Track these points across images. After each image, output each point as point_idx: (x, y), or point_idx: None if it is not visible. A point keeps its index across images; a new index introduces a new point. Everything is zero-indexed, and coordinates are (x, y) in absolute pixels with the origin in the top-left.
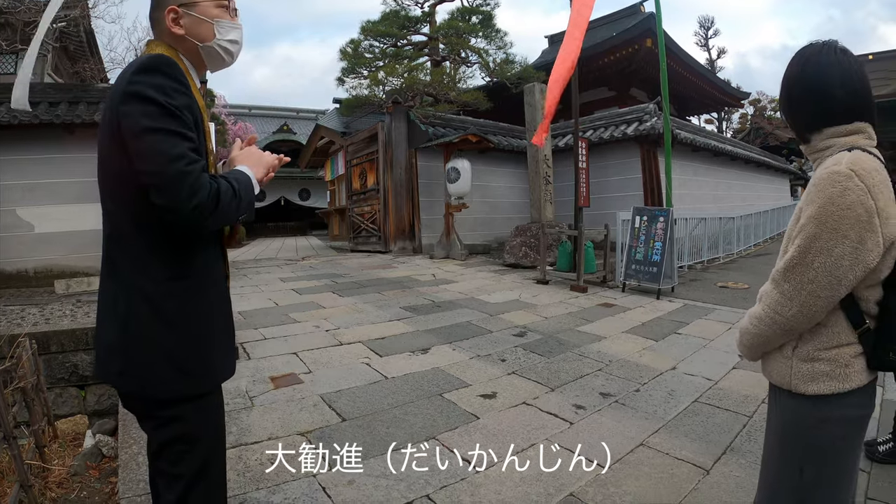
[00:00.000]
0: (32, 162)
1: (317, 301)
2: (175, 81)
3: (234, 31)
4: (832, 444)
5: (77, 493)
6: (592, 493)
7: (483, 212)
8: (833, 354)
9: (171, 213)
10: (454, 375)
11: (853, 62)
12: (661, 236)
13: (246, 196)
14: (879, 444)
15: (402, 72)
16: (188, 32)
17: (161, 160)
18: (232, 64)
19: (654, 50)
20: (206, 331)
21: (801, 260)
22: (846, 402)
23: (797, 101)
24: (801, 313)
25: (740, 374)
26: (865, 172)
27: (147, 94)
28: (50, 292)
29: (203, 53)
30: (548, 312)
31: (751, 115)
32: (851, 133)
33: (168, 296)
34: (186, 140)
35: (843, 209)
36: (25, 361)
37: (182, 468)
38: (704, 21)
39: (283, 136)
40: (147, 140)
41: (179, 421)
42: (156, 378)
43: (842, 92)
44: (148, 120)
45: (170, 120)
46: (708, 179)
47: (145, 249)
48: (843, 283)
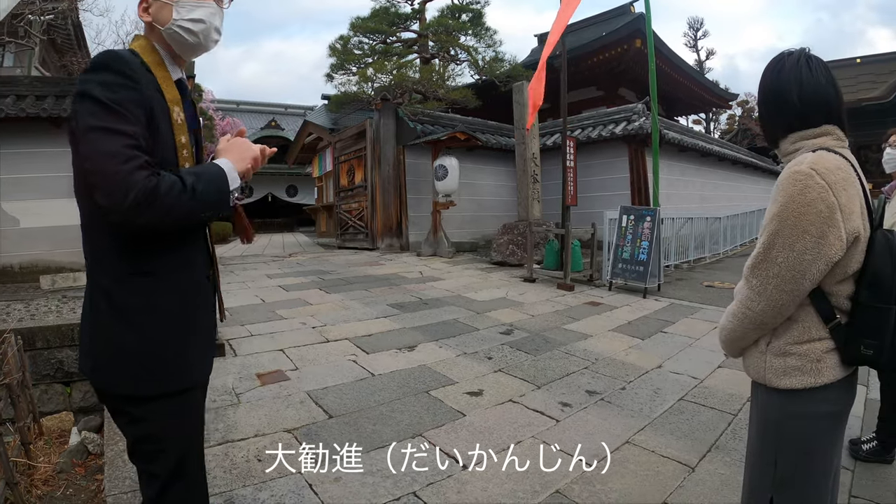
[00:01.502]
0: (18, 156)
1: (304, 298)
2: (120, 76)
3: (199, 9)
4: (805, 438)
5: (63, 490)
6: (578, 490)
7: (471, 210)
8: (804, 349)
9: (111, 214)
10: (441, 373)
11: (814, 71)
12: (648, 235)
13: (206, 191)
14: (863, 443)
15: (392, 69)
16: (154, 19)
17: (97, 159)
18: (204, 46)
19: (643, 50)
20: (174, 328)
21: (766, 256)
22: (819, 397)
23: (763, 108)
24: (769, 307)
25: (725, 373)
26: (827, 171)
27: (90, 91)
28: (35, 288)
29: (167, 38)
30: (534, 310)
31: (738, 116)
32: (819, 136)
33: (130, 292)
34: (123, 136)
35: (804, 206)
36: (10, 358)
37: (157, 467)
38: (694, 22)
39: (271, 132)
40: (86, 139)
41: (149, 419)
42: (120, 375)
43: (797, 100)
44: (91, 118)
45: (109, 117)
46: (695, 180)
47: (108, 245)
48: (808, 277)
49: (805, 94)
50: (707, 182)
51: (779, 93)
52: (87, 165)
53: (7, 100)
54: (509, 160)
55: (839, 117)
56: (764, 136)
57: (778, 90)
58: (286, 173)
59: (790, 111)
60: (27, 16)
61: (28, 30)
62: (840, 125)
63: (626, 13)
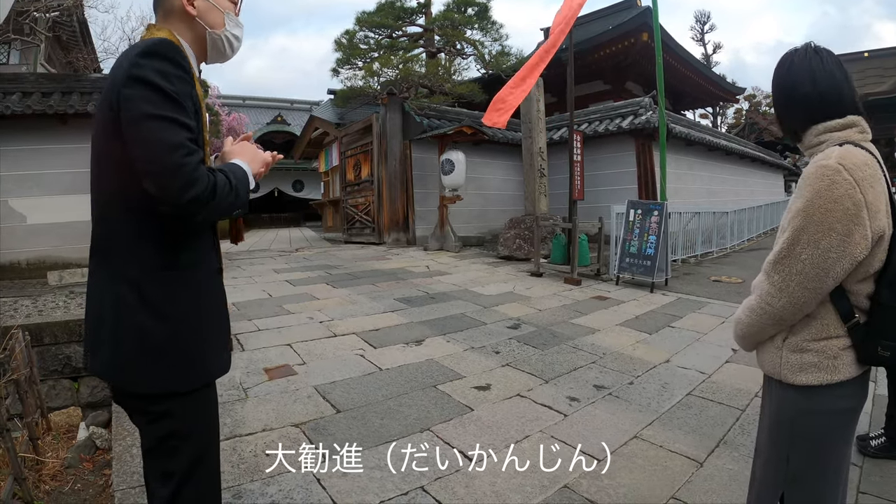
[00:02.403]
0: (25, 153)
1: (311, 292)
2: (179, 68)
3: (239, 27)
4: (819, 435)
5: (71, 485)
6: (586, 485)
7: (477, 204)
8: (822, 346)
9: (166, 204)
10: (448, 367)
11: (825, 62)
12: (656, 230)
13: (242, 191)
14: (871, 439)
15: (397, 63)
16: (200, 15)
17: (159, 148)
18: (229, 59)
19: (649, 44)
20: (196, 324)
21: (790, 252)
22: (834, 394)
23: (780, 102)
24: (790, 304)
25: (733, 368)
26: (854, 166)
27: (150, 78)
28: (43, 284)
29: (209, 41)
30: (542, 305)
31: (745, 110)
32: (845, 127)
33: (158, 285)
34: (186, 129)
35: (831, 202)
36: (18, 353)
37: (174, 464)
38: (701, 16)
39: (277, 127)
40: (146, 126)
41: (171, 417)
42: (144, 371)
43: (812, 90)
44: (150, 106)
45: (171, 107)
46: (702, 174)
47: (136, 237)
48: (831, 276)
49: (819, 83)
50: (714, 176)
51: (792, 86)
52: (145, 154)
53: (13, 97)
54: (516, 154)
55: (855, 105)
56: (784, 133)
57: (791, 84)
58: (292, 168)
59: (807, 102)
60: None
61: (33, 27)
62: (861, 115)
63: (633, 6)
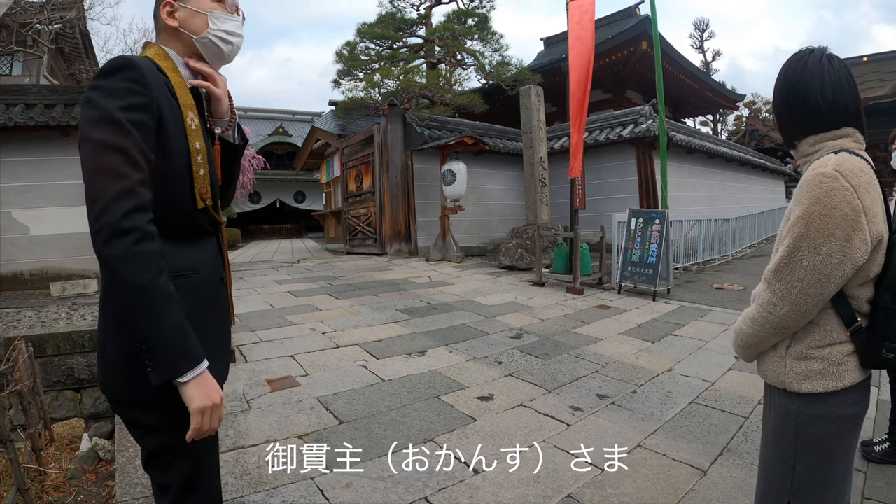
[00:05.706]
0: (28, 164)
1: (313, 303)
2: (129, 81)
3: (230, 21)
4: (825, 443)
5: (74, 496)
6: (590, 494)
7: (479, 214)
8: (826, 353)
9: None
10: (451, 378)
11: (837, 70)
12: (657, 238)
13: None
14: (875, 445)
15: (398, 74)
16: (182, 25)
17: (90, 172)
18: (231, 58)
19: (649, 52)
20: None
21: (791, 259)
22: (840, 400)
23: (782, 108)
24: (792, 311)
25: (736, 376)
26: (851, 173)
27: (95, 99)
28: (46, 295)
29: (199, 47)
30: (544, 314)
31: (746, 116)
32: (839, 137)
33: None
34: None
35: (830, 209)
36: (21, 364)
37: (170, 477)
38: (700, 23)
39: (278, 138)
40: (84, 149)
41: (162, 430)
42: (129, 382)
43: (821, 101)
44: (89, 128)
45: (108, 129)
46: (703, 181)
47: None
48: (833, 281)
49: (828, 93)
50: (715, 184)
51: (801, 91)
52: (83, 174)
53: (16, 108)
54: (517, 164)
55: (859, 118)
56: (781, 135)
57: (801, 89)
58: (294, 179)
59: (812, 111)
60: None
61: (36, 39)
62: (859, 127)
63: (632, 15)
